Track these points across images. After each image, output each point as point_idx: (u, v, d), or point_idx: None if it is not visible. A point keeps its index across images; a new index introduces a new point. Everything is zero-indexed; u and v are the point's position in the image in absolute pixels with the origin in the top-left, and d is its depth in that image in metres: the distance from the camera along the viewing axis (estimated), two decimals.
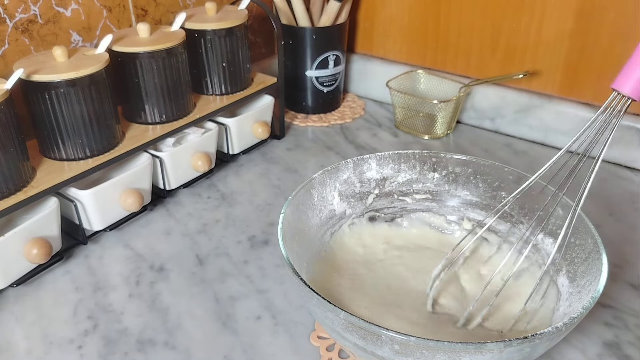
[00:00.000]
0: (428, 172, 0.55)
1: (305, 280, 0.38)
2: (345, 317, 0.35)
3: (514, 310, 0.45)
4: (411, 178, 0.55)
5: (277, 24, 0.74)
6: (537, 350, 0.36)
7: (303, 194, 0.49)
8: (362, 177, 0.54)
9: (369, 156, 0.54)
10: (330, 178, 0.52)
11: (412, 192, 0.56)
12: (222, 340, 0.47)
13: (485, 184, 0.53)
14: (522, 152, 0.78)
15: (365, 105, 0.94)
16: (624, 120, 0.72)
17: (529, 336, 0.33)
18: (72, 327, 0.49)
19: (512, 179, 0.51)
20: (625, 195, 0.67)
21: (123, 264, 0.56)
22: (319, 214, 0.51)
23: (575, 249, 0.44)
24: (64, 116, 0.55)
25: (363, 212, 0.55)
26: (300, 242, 0.47)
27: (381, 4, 0.90)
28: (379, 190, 0.55)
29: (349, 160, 0.53)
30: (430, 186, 0.56)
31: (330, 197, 0.52)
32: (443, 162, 0.54)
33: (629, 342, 0.47)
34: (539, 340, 0.34)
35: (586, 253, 0.43)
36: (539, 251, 0.49)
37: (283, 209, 0.45)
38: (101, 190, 0.57)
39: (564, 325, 0.34)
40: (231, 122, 0.72)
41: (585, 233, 0.43)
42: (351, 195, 0.54)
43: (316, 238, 0.51)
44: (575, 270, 0.44)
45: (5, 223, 0.52)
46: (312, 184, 0.50)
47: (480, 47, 0.82)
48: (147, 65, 0.61)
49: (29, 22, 0.60)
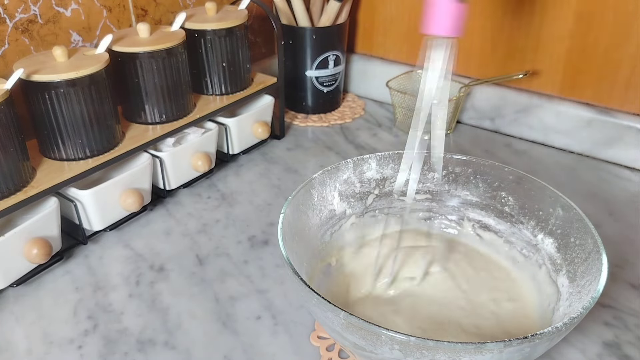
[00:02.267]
0: (428, 172, 0.55)
1: (305, 280, 0.38)
2: (345, 317, 0.35)
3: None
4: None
5: (277, 24, 0.74)
6: (537, 350, 0.36)
7: (303, 194, 0.49)
8: (362, 177, 0.54)
9: (369, 156, 0.54)
10: (330, 178, 0.52)
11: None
12: (222, 340, 0.47)
13: (485, 184, 0.53)
14: (522, 152, 0.78)
15: (365, 105, 0.94)
16: (624, 120, 0.72)
17: (528, 336, 0.33)
18: (72, 327, 0.49)
19: (512, 179, 0.51)
20: (625, 195, 0.67)
21: (123, 264, 0.56)
22: (319, 214, 0.51)
23: (575, 249, 0.44)
24: (64, 116, 0.55)
25: (363, 212, 0.55)
26: (300, 242, 0.47)
27: (381, 4, 0.90)
28: (379, 190, 0.55)
29: (349, 160, 0.53)
30: (430, 186, 0.56)
31: (330, 197, 0.52)
32: (443, 162, 0.54)
33: (629, 342, 0.47)
34: (538, 340, 0.34)
35: (586, 253, 0.43)
36: (539, 251, 0.49)
37: (283, 209, 0.45)
38: (101, 190, 0.57)
39: (563, 325, 0.34)
40: (231, 122, 0.72)
41: (585, 233, 0.43)
42: (351, 195, 0.54)
43: (316, 238, 0.51)
44: (575, 270, 0.44)
45: (5, 223, 0.52)
46: (312, 184, 0.50)
47: (480, 47, 0.82)
48: (147, 65, 0.61)
49: (29, 22, 0.60)
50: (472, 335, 0.44)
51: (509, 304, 0.47)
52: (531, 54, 0.77)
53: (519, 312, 0.46)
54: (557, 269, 0.46)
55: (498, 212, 0.53)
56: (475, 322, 0.45)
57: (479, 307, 0.47)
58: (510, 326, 0.45)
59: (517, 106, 0.80)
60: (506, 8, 0.77)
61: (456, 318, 0.46)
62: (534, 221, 0.50)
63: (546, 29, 0.75)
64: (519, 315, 0.46)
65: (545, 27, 0.75)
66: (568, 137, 0.78)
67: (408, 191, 0.48)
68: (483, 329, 0.45)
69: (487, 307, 0.47)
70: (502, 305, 0.47)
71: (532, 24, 0.76)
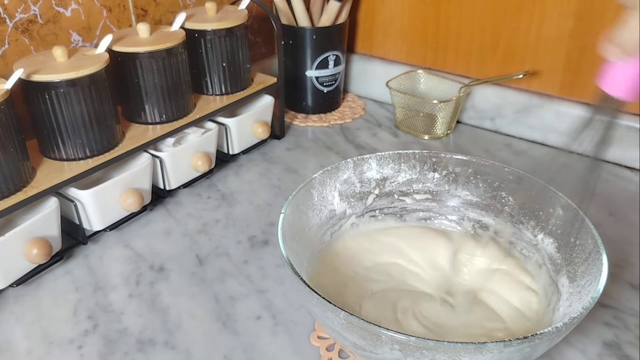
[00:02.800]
0: (428, 172, 0.55)
1: (305, 280, 0.38)
2: (345, 317, 0.35)
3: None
4: (411, 178, 0.55)
5: (277, 24, 0.74)
6: (537, 350, 0.36)
7: (303, 194, 0.49)
8: (363, 177, 0.54)
9: (369, 156, 0.54)
10: (330, 178, 0.52)
11: (413, 192, 0.56)
12: (222, 340, 0.47)
13: (485, 184, 0.53)
14: (522, 152, 0.78)
15: (365, 105, 0.94)
16: (624, 120, 0.72)
17: (528, 336, 0.33)
18: (72, 327, 0.49)
19: (512, 179, 0.51)
20: (625, 195, 0.67)
21: (123, 264, 0.56)
22: (319, 214, 0.51)
23: (576, 249, 0.44)
24: (64, 116, 0.55)
25: (363, 212, 0.55)
26: (300, 242, 0.47)
27: (381, 4, 0.90)
28: (379, 190, 0.55)
29: (349, 160, 0.53)
30: (430, 186, 0.56)
31: (330, 197, 0.52)
32: (443, 162, 0.54)
33: (629, 342, 0.47)
34: (538, 340, 0.34)
35: (586, 253, 0.43)
36: (539, 251, 0.49)
37: (283, 209, 0.45)
38: (101, 190, 0.57)
39: (563, 325, 0.34)
40: (231, 122, 0.72)
41: (585, 233, 0.43)
42: (351, 195, 0.54)
43: (316, 238, 0.51)
44: (575, 270, 0.44)
45: (5, 223, 0.52)
46: (312, 184, 0.50)
47: (480, 47, 0.82)
48: (147, 65, 0.61)
49: (29, 22, 0.60)
50: (477, 336, 0.44)
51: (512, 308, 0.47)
52: (531, 54, 0.77)
53: (519, 312, 0.46)
54: (557, 269, 0.46)
55: (498, 212, 0.53)
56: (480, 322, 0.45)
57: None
58: (511, 326, 0.45)
59: (517, 106, 0.80)
60: (506, 8, 0.77)
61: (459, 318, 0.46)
62: (534, 221, 0.50)
63: (546, 29, 0.75)
64: (519, 315, 0.46)
65: (545, 27, 0.75)
66: (568, 137, 0.77)
67: None
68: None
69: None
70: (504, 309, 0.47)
71: (532, 24, 0.76)
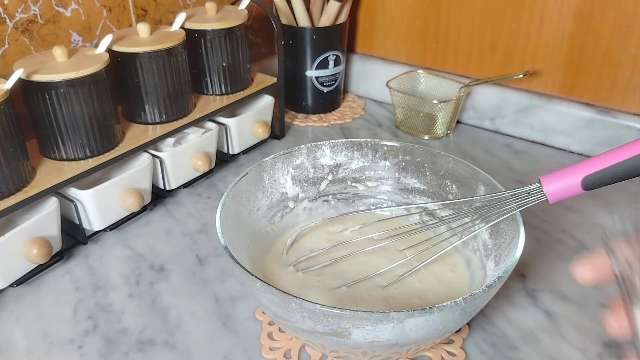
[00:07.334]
0: (380, 160, 0.57)
1: (247, 259, 0.40)
2: (262, 286, 0.37)
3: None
4: (364, 165, 0.57)
5: (277, 24, 0.74)
6: (447, 326, 0.37)
7: (254, 175, 0.51)
8: (316, 163, 0.56)
9: (323, 143, 0.56)
10: (283, 163, 0.54)
11: (365, 179, 0.58)
12: (222, 340, 0.47)
13: (432, 173, 0.55)
14: (522, 152, 0.78)
15: (365, 105, 0.94)
16: (624, 120, 0.72)
17: (427, 308, 0.34)
18: (72, 327, 0.49)
19: (452, 167, 0.53)
20: (625, 195, 0.67)
21: (123, 264, 0.56)
22: (270, 196, 0.54)
23: (503, 234, 0.46)
24: (64, 116, 0.55)
25: (316, 196, 0.57)
26: (247, 222, 0.50)
27: (381, 4, 0.90)
28: (333, 176, 0.57)
29: (302, 146, 0.55)
30: (381, 173, 0.57)
31: (282, 181, 0.55)
32: (393, 150, 0.56)
33: (629, 342, 0.47)
34: (438, 313, 0.35)
35: (510, 237, 0.44)
36: (475, 237, 0.51)
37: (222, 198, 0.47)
38: (101, 190, 0.57)
39: (463, 300, 0.35)
40: (231, 122, 0.72)
41: (512, 219, 0.45)
42: (304, 180, 0.56)
43: (266, 219, 0.53)
44: (500, 254, 0.45)
45: (5, 223, 0.52)
46: (263, 167, 0.52)
47: (480, 47, 0.82)
48: (147, 65, 0.61)
49: (29, 22, 0.60)
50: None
51: (442, 289, 0.48)
52: (531, 54, 0.77)
53: (452, 296, 0.47)
54: (487, 254, 0.48)
55: (443, 199, 0.54)
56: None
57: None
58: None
59: (517, 106, 0.80)
60: (506, 8, 0.77)
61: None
62: (472, 207, 0.51)
63: (546, 29, 0.75)
64: (446, 297, 0.47)
65: (545, 27, 0.75)
66: (568, 137, 0.78)
67: None
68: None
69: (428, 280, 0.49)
70: (434, 289, 0.48)
71: (532, 24, 0.76)
